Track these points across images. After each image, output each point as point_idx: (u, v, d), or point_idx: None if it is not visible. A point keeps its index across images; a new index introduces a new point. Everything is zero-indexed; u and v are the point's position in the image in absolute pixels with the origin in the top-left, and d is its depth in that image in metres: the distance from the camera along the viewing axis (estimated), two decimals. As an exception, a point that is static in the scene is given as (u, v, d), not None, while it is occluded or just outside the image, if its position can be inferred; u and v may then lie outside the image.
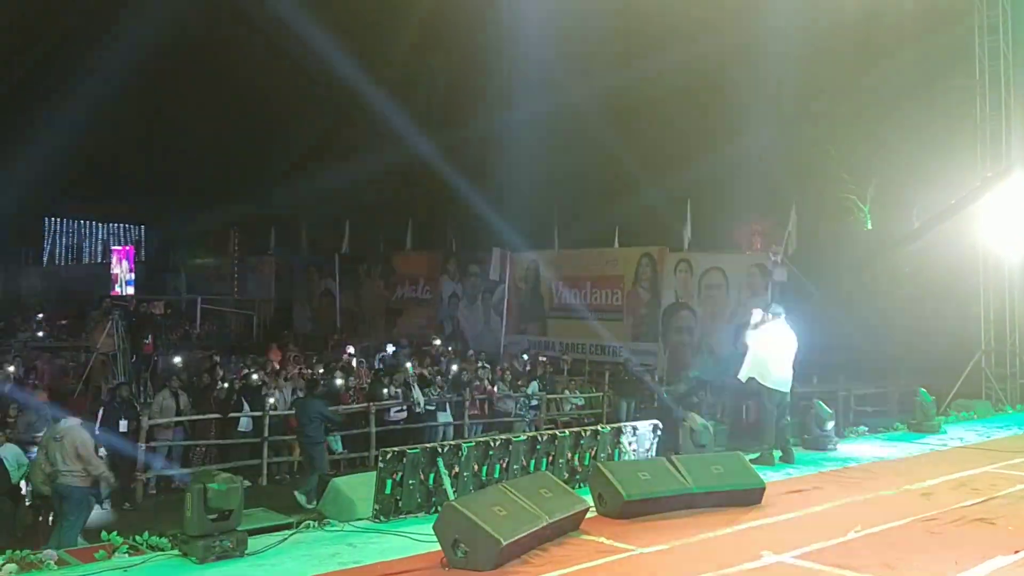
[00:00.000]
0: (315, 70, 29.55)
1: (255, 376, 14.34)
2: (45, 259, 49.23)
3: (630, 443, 9.22)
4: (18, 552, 6.29)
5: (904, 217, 22.05)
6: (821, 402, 11.03)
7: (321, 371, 16.73)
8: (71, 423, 9.13)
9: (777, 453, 9.75)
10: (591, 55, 25.87)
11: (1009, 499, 8.05)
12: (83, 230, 50.98)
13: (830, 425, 10.75)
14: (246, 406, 13.52)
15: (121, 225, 50.54)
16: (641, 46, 24.89)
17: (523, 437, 8.61)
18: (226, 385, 14.32)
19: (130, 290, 36.96)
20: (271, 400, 13.90)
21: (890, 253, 19.04)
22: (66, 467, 8.82)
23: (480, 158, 28.39)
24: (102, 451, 9.95)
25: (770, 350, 9.70)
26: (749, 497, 7.84)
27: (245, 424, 13.37)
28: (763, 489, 7.94)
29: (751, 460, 8.87)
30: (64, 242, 50.82)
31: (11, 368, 16.64)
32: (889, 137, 22.89)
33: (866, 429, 12.30)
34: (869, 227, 24.66)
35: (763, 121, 23.78)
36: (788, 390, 9.93)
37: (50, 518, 9.74)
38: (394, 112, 29.54)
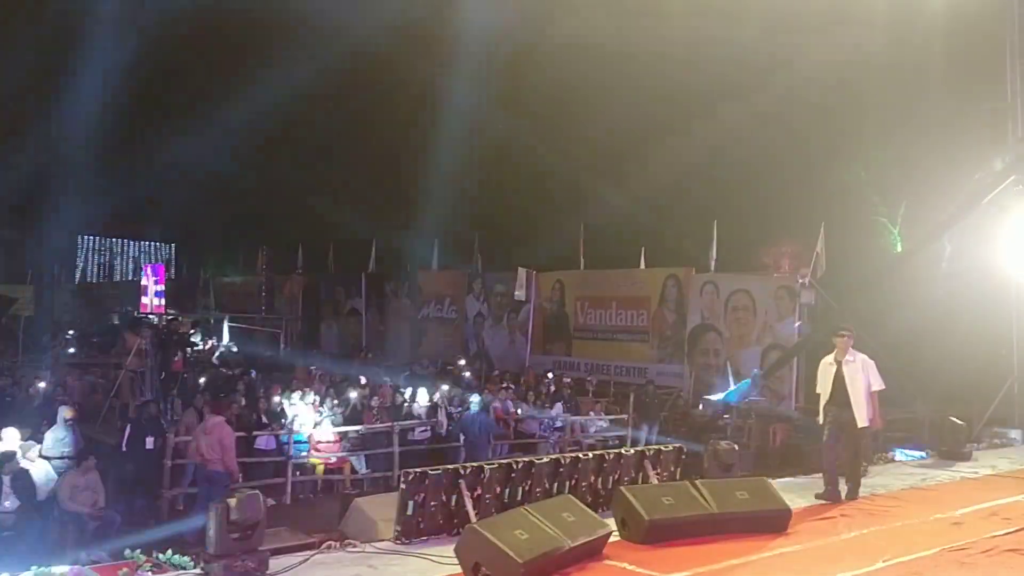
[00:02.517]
0: (342, 88, 29.95)
1: (276, 399, 14.42)
2: (78, 277, 49.95)
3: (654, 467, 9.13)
4: (43, 568, 6.33)
5: (935, 240, 21.75)
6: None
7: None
8: (217, 420, 10.87)
9: None
10: (616, 76, 25.94)
11: (1043, 529, 7.88)
12: (115, 248, 51.73)
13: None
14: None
15: (152, 243, 51.26)
16: (668, 67, 24.92)
17: (546, 460, 8.57)
18: (243, 401, 14.42)
19: (157, 302, 37.43)
20: (291, 414, 13.98)
21: (898, 268, 18.63)
22: (212, 456, 10.54)
23: (506, 176, 28.52)
24: None
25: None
26: (775, 523, 7.74)
27: (264, 443, 13.37)
28: (789, 515, 7.83)
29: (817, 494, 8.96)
30: (96, 260, 51.58)
31: (42, 384, 16.89)
32: (920, 159, 22.67)
33: (895, 455, 12.10)
34: (899, 249, 24.37)
35: (792, 142, 23.66)
36: None
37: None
38: (419, 132, 29.83)
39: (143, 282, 38.26)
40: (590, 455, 9.00)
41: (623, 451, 9.31)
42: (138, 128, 35.20)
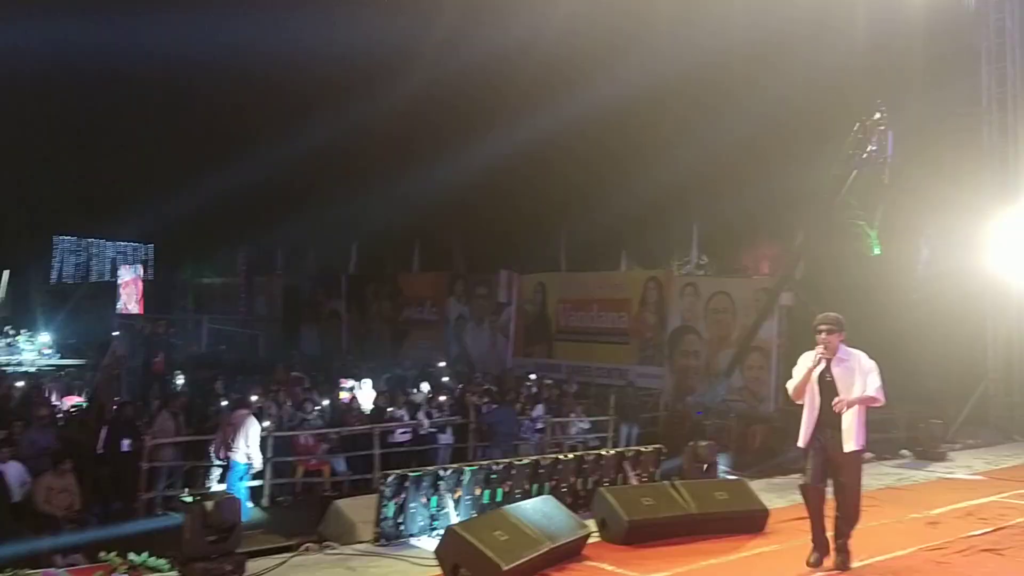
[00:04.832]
0: (324, 94, 29.83)
1: (253, 399, 14.31)
2: (54, 277, 49.40)
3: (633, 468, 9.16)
4: (20, 571, 6.27)
5: (912, 242, 21.98)
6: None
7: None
8: (244, 412, 11.55)
9: None
10: (597, 75, 26.00)
11: (1017, 529, 7.96)
12: (92, 248, 51.19)
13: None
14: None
15: (130, 244, 50.77)
16: (648, 66, 25.01)
17: (526, 461, 8.58)
18: (222, 404, 14.35)
19: (133, 302, 37.19)
20: (267, 422, 13.88)
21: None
22: (237, 446, 11.21)
23: (487, 179, 28.50)
24: None
25: None
26: (753, 523, 7.79)
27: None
28: (767, 515, 7.88)
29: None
30: (73, 260, 51.01)
31: (20, 384, 16.72)
32: (897, 163, 22.86)
33: (872, 455, 12.17)
34: (877, 252, 24.57)
35: (772, 146, 23.78)
36: None
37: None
38: (401, 136, 29.77)
39: (120, 283, 38.06)
40: (570, 456, 9.02)
41: (603, 452, 9.34)
42: (117, 126, 34.89)
